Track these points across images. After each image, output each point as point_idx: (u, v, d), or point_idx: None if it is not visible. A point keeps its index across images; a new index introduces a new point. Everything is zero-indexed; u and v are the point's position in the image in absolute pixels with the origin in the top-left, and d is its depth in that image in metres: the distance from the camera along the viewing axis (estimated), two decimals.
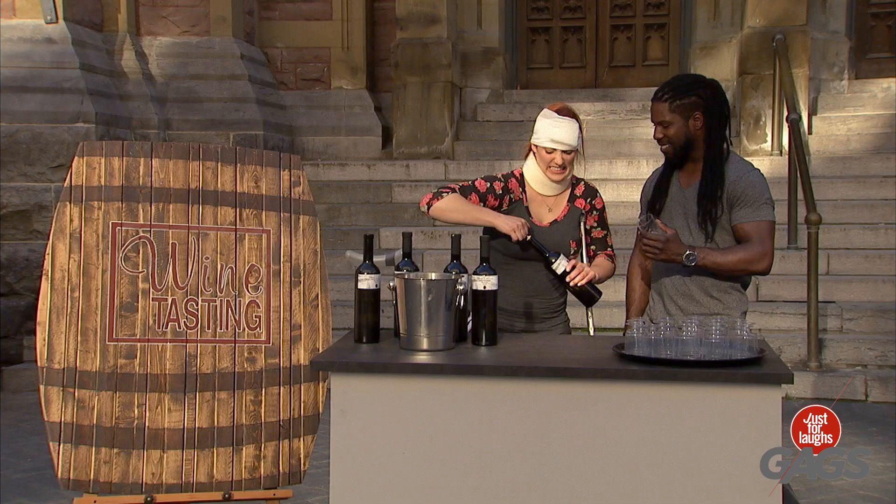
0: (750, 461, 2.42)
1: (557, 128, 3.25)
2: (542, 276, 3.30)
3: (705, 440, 2.48)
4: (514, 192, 3.33)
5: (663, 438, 2.49)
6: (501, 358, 2.69)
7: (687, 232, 3.04)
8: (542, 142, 3.26)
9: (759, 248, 2.96)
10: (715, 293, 3.03)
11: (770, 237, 3.00)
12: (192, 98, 8.74)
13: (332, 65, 9.66)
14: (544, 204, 3.35)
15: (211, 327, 3.00)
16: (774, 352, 2.73)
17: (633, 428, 2.50)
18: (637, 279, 3.29)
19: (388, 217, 8.02)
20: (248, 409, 3.02)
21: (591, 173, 7.92)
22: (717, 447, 2.47)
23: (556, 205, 3.36)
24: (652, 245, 2.96)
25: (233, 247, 3.03)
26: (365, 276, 2.88)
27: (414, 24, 8.92)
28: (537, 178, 3.32)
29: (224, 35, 8.95)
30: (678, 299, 3.06)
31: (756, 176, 3.03)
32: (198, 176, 3.01)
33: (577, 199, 3.38)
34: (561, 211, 3.35)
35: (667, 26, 9.69)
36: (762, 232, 2.98)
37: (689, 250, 2.95)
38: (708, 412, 2.48)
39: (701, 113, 3.01)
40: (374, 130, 9.50)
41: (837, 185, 7.68)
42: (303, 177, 3.14)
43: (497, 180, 3.34)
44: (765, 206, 3.00)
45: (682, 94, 3.01)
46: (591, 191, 3.42)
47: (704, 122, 3.01)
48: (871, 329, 6.27)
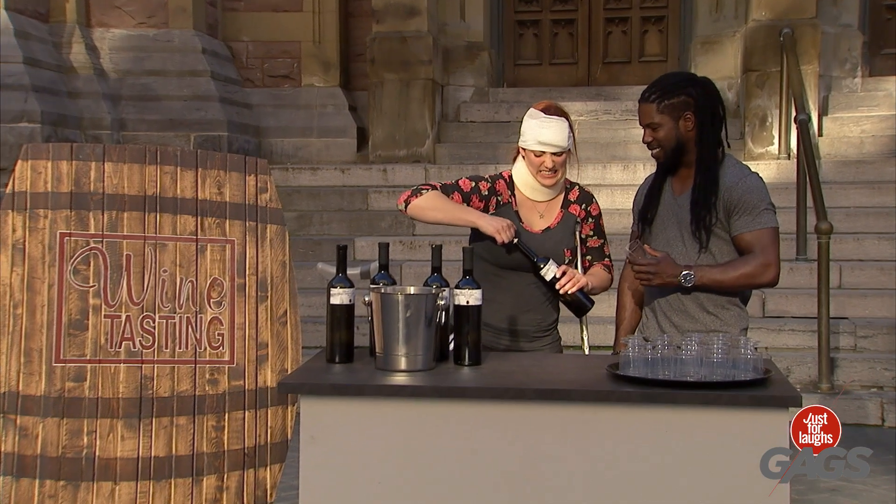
0: (755, 490, 2.44)
1: (545, 128, 3.26)
2: (535, 290, 3.30)
3: (706, 467, 2.50)
4: (503, 194, 3.34)
5: (661, 466, 2.51)
6: (486, 379, 2.70)
7: (680, 242, 3.07)
8: (529, 144, 3.27)
9: (762, 260, 2.98)
10: (712, 308, 3.05)
11: (774, 246, 3.01)
12: (149, 96, 8.73)
13: (302, 60, 9.68)
14: (535, 210, 3.35)
15: (169, 347, 2.99)
16: (781, 372, 2.76)
17: (629, 454, 2.52)
18: (627, 295, 3.31)
19: (363, 226, 8.03)
20: (209, 435, 3.01)
21: (584, 178, 7.96)
22: (719, 475, 2.49)
23: (548, 211, 3.37)
24: (644, 271, 2.97)
25: (193, 259, 3.03)
26: (338, 291, 2.88)
27: (391, 17, 8.96)
28: (527, 182, 3.34)
29: (184, 27, 8.96)
30: (673, 316, 3.08)
31: (754, 180, 3.05)
32: (155, 181, 3.01)
33: (571, 204, 3.39)
34: (554, 217, 3.36)
35: (665, 19, 9.78)
36: (765, 241, 2.99)
37: (686, 270, 2.96)
38: (709, 437, 2.50)
39: (692, 113, 3.02)
40: (349, 132, 9.52)
41: (850, 192, 7.75)
42: (270, 182, 3.15)
43: (483, 180, 3.35)
44: (765, 213, 3.01)
45: (670, 93, 3.03)
46: (586, 196, 3.43)
47: (696, 123, 3.03)
48: (887, 347, 6.30)
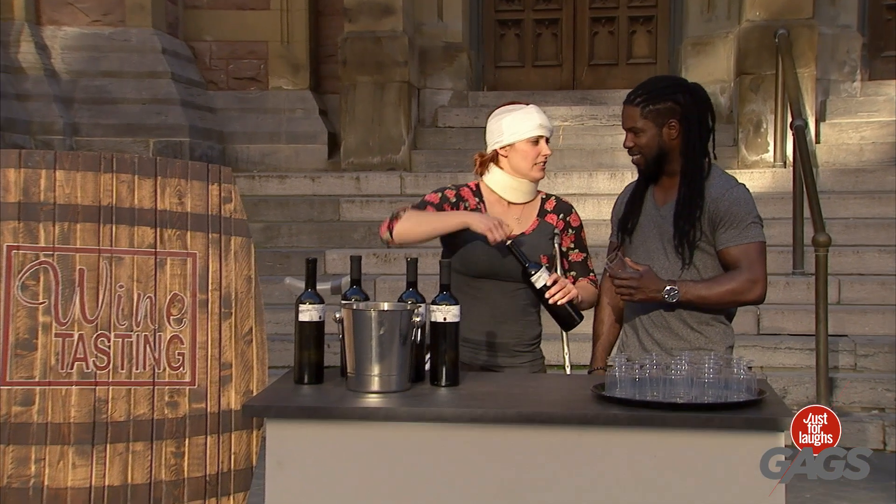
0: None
1: (537, 113, 3.38)
2: (515, 301, 3.34)
3: (698, 494, 2.51)
4: (469, 201, 3.40)
5: (650, 492, 2.52)
6: (464, 401, 2.71)
7: (663, 255, 3.09)
8: (524, 134, 3.33)
9: (749, 275, 3.01)
10: (696, 325, 3.07)
11: (761, 261, 3.05)
12: (105, 99, 8.70)
13: (269, 61, 9.68)
14: (510, 214, 3.39)
15: (125, 367, 2.98)
16: (776, 393, 2.79)
17: (616, 480, 2.53)
18: (606, 310, 3.32)
19: (334, 237, 8.02)
20: (168, 462, 3.00)
21: (570, 187, 8.02)
22: (712, 502, 2.51)
23: (524, 216, 3.42)
24: (625, 286, 2.98)
25: (152, 273, 3.02)
26: (307, 307, 2.89)
27: (365, 16, 8.98)
28: (507, 184, 3.39)
29: (142, 25, 8.94)
30: (655, 332, 3.10)
31: (740, 192, 3.07)
32: (111, 191, 3.00)
33: (548, 213, 3.44)
34: (530, 224, 3.40)
35: (654, 19, 9.85)
36: (751, 255, 3.03)
37: (669, 285, 2.97)
38: (701, 462, 2.52)
39: (677, 121, 3.05)
40: (319, 137, 9.52)
41: (849, 202, 7.82)
42: (235, 191, 3.15)
43: (448, 189, 3.42)
44: (752, 226, 3.04)
45: (656, 98, 3.07)
46: (564, 206, 3.48)
47: (681, 132, 3.06)
48: (889, 367, 6.34)
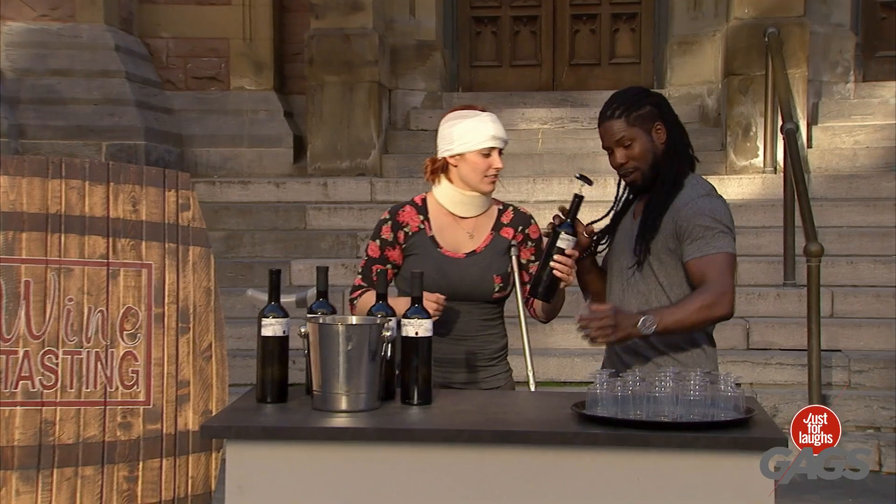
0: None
1: (492, 122, 3.36)
2: (472, 319, 3.37)
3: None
4: (410, 223, 3.40)
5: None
6: (437, 419, 2.72)
7: (624, 259, 3.10)
8: (475, 145, 3.33)
9: (718, 288, 2.94)
10: (662, 348, 3.06)
11: (729, 273, 2.98)
12: (53, 99, 8.65)
13: (231, 60, 9.67)
14: (461, 229, 3.41)
15: (74, 386, 2.97)
16: (765, 412, 2.80)
17: (597, 503, 2.53)
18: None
19: (300, 247, 8.00)
20: (120, 488, 2.98)
21: (549, 193, 8.05)
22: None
23: (478, 230, 3.42)
24: (602, 325, 2.88)
25: (104, 286, 3.01)
26: (270, 321, 2.88)
27: (332, 11, 8.98)
28: (456, 198, 3.40)
29: (94, 21, 8.90)
30: (626, 357, 3.11)
31: (707, 201, 3.03)
32: (59, 197, 2.99)
33: (503, 227, 3.43)
34: (483, 240, 3.40)
35: (638, 17, 9.91)
36: (717, 267, 2.96)
37: (642, 315, 2.90)
38: (686, 483, 2.53)
39: (661, 123, 3.08)
40: (284, 141, 9.50)
41: (843, 210, 7.87)
42: (193, 198, 3.15)
43: (384, 224, 3.41)
44: (720, 236, 2.99)
45: (634, 104, 3.08)
46: (522, 218, 3.47)
47: (667, 134, 3.08)
48: (884, 384, 6.37)
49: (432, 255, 3.33)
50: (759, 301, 6.82)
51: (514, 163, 8.60)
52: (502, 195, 3.76)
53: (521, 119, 9.12)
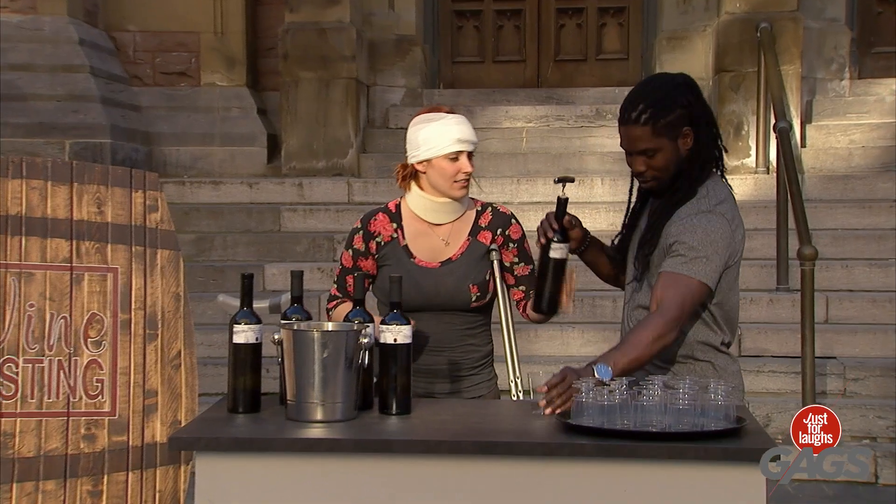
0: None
1: (456, 126, 3.35)
2: (454, 328, 3.37)
3: None
4: (382, 233, 3.40)
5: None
6: (416, 430, 2.72)
7: (630, 270, 3.13)
8: (441, 149, 3.32)
9: (670, 315, 2.84)
10: (661, 364, 3.04)
11: (689, 302, 2.89)
12: (14, 95, 8.60)
13: (201, 55, 9.64)
14: (436, 236, 3.40)
15: (35, 396, 2.95)
16: (757, 421, 2.82)
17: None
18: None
19: (274, 250, 7.99)
20: (84, 503, 2.97)
21: (534, 194, 8.06)
22: None
23: (453, 237, 3.40)
24: (561, 392, 2.74)
25: (67, 290, 3.00)
26: (242, 328, 2.88)
27: (308, 5, 8.98)
28: (428, 206, 3.39)
29: (56, 13, 8.86)
30: None
31: (704, 219, 2.92)
32: (20, 198, 2.98)
33: (481, 231, 3.42)
34: (459, 247, 3.39)
35: (626, 11, 9.93)
36: (681, 291, 2.86)
37: (594, 365, 2.79)
38: (675, 495, 2.54)
39: (689, 127, 2.95)
40: (258, 139, 9.49)
41: (837, 211, 7.91)
42: (161, 199, 3.14)
43: (356, 234, 3.41)
44: (700, 262, 2.89)
45: (664, 108, 2.92)
46: (502, 218, 3.45)
47: (694, 138, 2.97)
48: (880, 392, 6.39)
49: (405, 266, 3.32)
50: (750, 306, 6.84)
51: (497, 163, 8.63)
52: (485, 196, 3.77)
53: (505, 117, 9.14)
